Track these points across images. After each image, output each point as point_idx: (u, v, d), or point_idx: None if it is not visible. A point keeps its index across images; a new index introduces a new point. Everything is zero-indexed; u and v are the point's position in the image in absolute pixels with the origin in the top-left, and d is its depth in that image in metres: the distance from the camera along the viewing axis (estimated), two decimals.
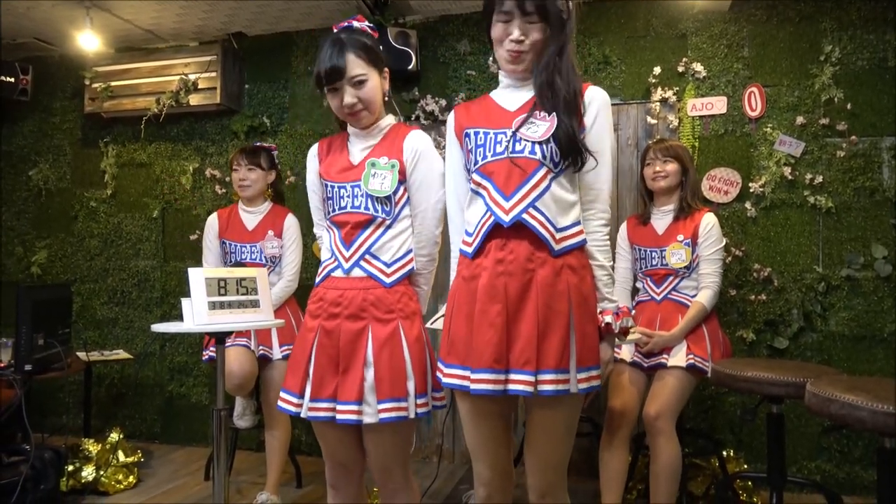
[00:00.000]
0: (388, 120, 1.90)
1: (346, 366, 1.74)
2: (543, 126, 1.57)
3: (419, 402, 1.76)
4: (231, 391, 2.83)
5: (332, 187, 1.84)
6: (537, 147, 1.56)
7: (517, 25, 1.58)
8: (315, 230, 2.01)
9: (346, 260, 1.80)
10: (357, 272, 1.79)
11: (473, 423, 1.64)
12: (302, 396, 1.78)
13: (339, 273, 1.81)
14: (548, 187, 1.55)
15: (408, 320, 1.78)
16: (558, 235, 1.55)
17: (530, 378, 1.48)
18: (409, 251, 1.83)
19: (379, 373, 1.72)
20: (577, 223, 1.59)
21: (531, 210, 1.53)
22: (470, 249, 1.61)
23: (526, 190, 1.54)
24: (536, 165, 1.55)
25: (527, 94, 1.66)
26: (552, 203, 1.55)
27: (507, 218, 1.54)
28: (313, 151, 1.94)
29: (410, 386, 1.75)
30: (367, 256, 1.79)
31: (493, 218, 1.56)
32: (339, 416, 1.72)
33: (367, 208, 1.79)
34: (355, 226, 1.80)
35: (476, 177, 1.61)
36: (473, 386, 1.51)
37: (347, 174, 1.83)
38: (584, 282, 1.58)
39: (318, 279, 1.87)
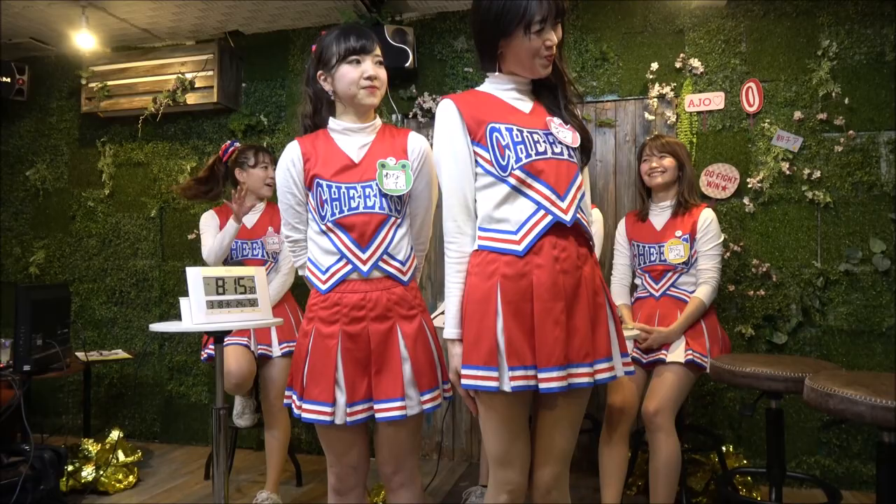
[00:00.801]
0: (380, 121, 1.92)
1: (379, 366, 1.77)
2: (568, 133, 1.64)
3: (445, 387, 1.87)
4: (229, 391, 2.83)
5: (337, 188, 1.78)
6: (572, 152, 1.64)
7: (552, 30, 1.58)
8: (289, 232, 1.89)
9: (364, 262, 1.77)
10: (376, 273, 1.78)
11: (507, 427, 1.58)
12: (334, 404, 1.76)
13: (355, 276, 1.78)
14: (584, 189, 1.65)
15: (425, 314, 1.87)
16: (587, 234, 1.64)
17: (590, 370, 1.54)
18: (412, 248, 1.88)
19: (416, 366, 1.78)
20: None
21: (579, 211, 1.61)
22: (520, 248, 1.55)
23: (574, 190, 1.60)
24: (577, 168, 1.63)
25: (531, 97, 1.69)
26: (586, 198, 1.67)
27: (567, 217, 1.57)
28: (296, 153, 1.82)
29: (439, 374, 1.86)
30: (385, 257, 1.79)
31: (549, 217, 1.55)
32: (380, 415, 1.75)
33: (382, 208, 1.79)
34: (371, 226, 1.77)
35: (520, 174, 1.56)
36: (543, 385, 1.50)
37: (352, 173, 1.80)
38: (594, 270, 1.67)
39: (325, 285, 1.79)
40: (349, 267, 1.77)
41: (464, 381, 1.56)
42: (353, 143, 1.84)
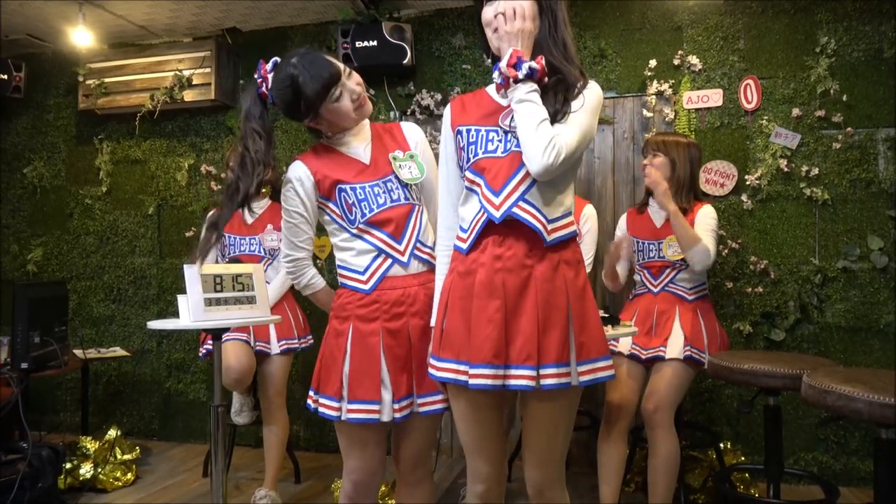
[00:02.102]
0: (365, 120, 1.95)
1: (420, 360, 1.78)
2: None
3: None
4: (228, 386, 2.82)
5: (362, 189, 1.80)
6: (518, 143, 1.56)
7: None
8: (291, 251, 1.87)
9: (402, 253, 1.80)
10: (414, 265, 1.81)
11: (471, 417, 1.63)
12: (381, 402, 1.75)
13: (396, 271, 1.80)
14: (534, 180, 1.54)
15: None
16: (549, 227, 1.54)
17: (532, 373, 1.48)
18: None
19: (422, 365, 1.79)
20: (567, 214, 1.60)
21: (521, 203, 1.53)
22: (464, 245, 1.60)
23: (514, 184, 1.54)
24: (520, 161, 1.54)
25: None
26: (540, 195, 1.54)
27: (497, 214, 1.53)
28: (303, 171, 1.82)
29: None
30: (418, 245, 1.83)
31: (486, 215, 1.55)
32: (424, 409, 1.79)
33: (407, 199, 1.84)
34: (402, 218, 1.81)
35: (469, 174, 1.60)
36: (472, 381, 1.50)
37: (369, 173, 1.83)
38: (580, 276, 1.59)
39: (367, 285, 1.79)
40: (389, 262, 1.79)
41: (436, 375, 1.62)
42: (357, 147, 1.87)
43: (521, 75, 1.50)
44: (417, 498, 1.91)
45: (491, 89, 1.69)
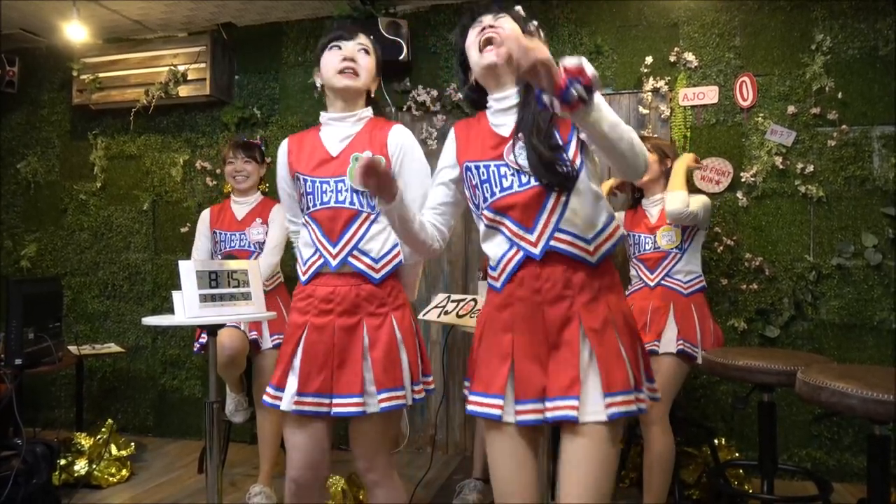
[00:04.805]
0: (367, 112, 1.90)
1: (341, 360, 1.76)
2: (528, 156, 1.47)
3: (415, 388, 1.83)
4: (223, 365, 2.80)
5: (312, 182, 1.81)
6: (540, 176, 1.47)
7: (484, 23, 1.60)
8: (289, 225, 2.01)
9: (334, 256, 1.78)
10: (346, 268, 1.78)
11: (508, 455, 1.50)
12: (284, 390, 1.78)
13: (327, 270, 1.80)
14: (565, 205, 1.45)
15: (398, 311, 1.83)
16: (592, 246, 1.46)
17: (574, 403, 1.39)
18: (396, 245, 1.83)
19: (376, 365, 1.75)
20: (608, 222, 1.50)
21: (557, 234, 1.45)
22: (498, 284, 1.53)
23: (545, 217, 1.46)
24: (545, 192, 1.46)
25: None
26: (573, 220, 1.45)
27: (537, 251, 1.46)
28: (283, 147, 1.91)
29: (406, 375, 1.79)
30: (355, 252, 1.78)
31: (521, 253, 1.47)
32: (336, 410, 1.73)
33: (352, 203, 1.78)
34: (341, 221, 1.78)
35: (490, 214, 1.52)
36: (520, 417, 1.43)
37: (327, 167, 1.81)
38: (622, 299, 1.53)
39: (304, 277, 1.85)
40: (322, 260, 1.80)
41: (475, 410, 1.52)
42: (336, 135, 1.85)
43: (592, 81, 1.21)
44: (380, 498, 1.86)
45: (491, 116, 1.59)
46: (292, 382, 1.77)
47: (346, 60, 1.79)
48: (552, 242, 1.45)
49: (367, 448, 1.83)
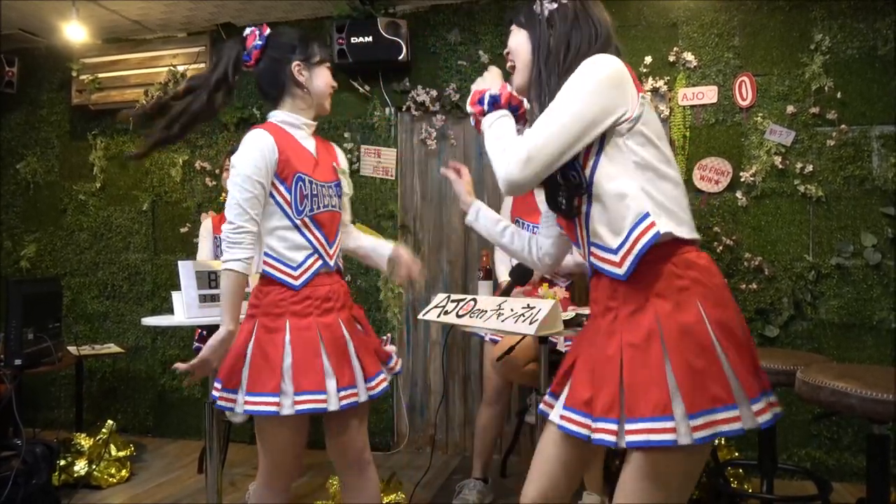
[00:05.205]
0: None
1: (357, 346, 1.88)
2: None
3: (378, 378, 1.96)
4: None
5: (316, 184, 1.85)
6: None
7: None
8: (245, 224, 1.74)
9: (331, 257, 1.89)
10: (336, 268, 1.92)
11: (546, 442, 1.48)
12: (326, 392, 1.77)
13: (325, 270, 1.87)
14: (587, 216, 1.36)
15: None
16: (618, 257, 1.32)
17: (612, 427, 1.26)
18: None
19: (362, 351, 1.90)
20: (638, 221, 1.29)
21: (591, 249, 1.38)
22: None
23: (579, 234, 1.42)
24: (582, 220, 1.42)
25: None
26: (598, 227, 1.35)
27: (588, 267, 1.45)
28: (270, 143, 1.77)
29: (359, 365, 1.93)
30: (339, 252, 1.95)
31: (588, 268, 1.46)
32: (374, 392, 1.88)
33: (339, 207, 1.94)
34: (335, 224, 1.92)
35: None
36: (562, 423, 1.38)
37: (319, 172, 1.88)
38: (683, 308, 1.29)
39: (298, 281, 1.80)
40: (321, 262, 1.85)
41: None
42: (307, 141, 1.91)
43: (485, 108, 1.44)
44: (373, 475, 1.94)
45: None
46: (330, 383, 1.78)
47: (333, 87, 1.93)
48: (591, 259, 1.40)
49: (363, 430, 1.94)
